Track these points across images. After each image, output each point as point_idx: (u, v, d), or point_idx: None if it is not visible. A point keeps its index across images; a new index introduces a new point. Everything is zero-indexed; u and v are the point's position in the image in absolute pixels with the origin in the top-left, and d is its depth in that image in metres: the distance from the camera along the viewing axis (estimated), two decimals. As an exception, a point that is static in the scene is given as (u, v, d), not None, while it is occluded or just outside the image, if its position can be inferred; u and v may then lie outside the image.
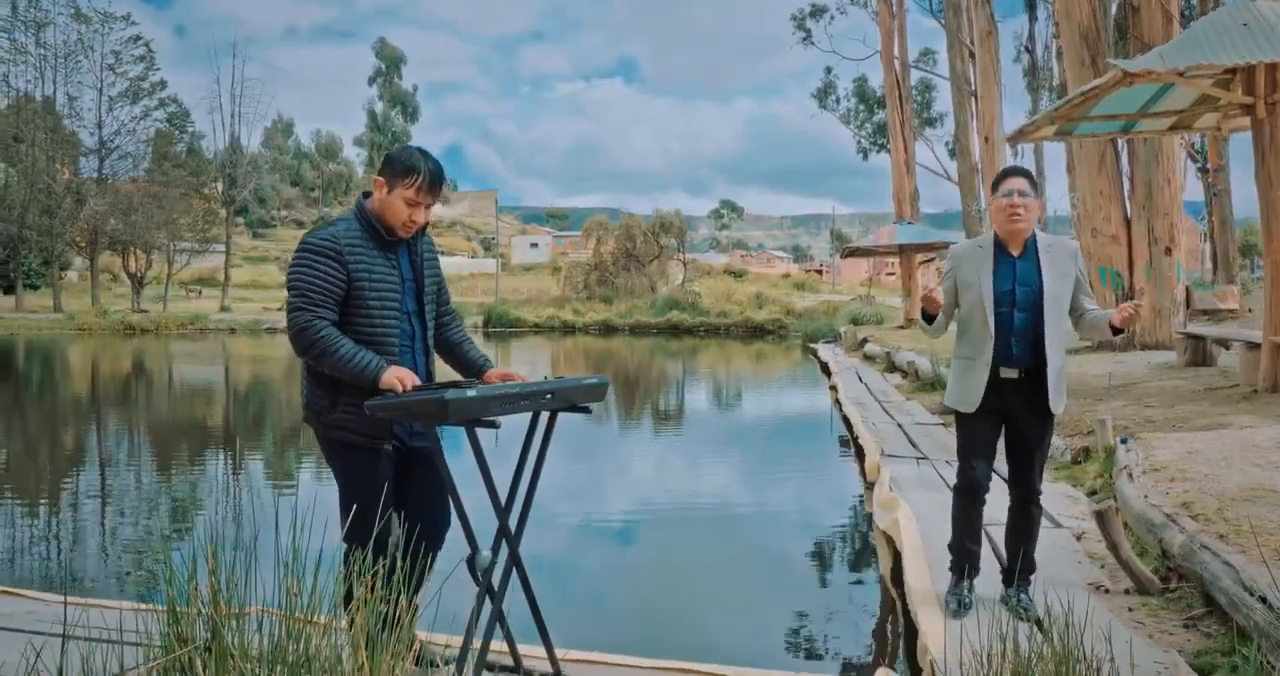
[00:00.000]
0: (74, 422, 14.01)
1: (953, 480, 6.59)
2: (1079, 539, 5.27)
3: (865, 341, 22.02)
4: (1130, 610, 4.07)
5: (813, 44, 39.01)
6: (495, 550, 3.12)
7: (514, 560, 3.17)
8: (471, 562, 3.06)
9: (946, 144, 38.09)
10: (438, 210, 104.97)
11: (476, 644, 3.05)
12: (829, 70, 44.74)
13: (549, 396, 3.16)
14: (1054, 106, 8.37)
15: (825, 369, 19.74)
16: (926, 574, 4.49)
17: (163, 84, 54.95)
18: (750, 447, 11.73)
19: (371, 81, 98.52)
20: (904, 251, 27.12)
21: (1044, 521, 5.68)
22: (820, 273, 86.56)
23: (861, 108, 43.87)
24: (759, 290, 49.75)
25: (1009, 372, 3.84)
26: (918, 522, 5.49)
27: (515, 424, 3.18)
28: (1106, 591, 4.35)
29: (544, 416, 3.31)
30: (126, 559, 6.31)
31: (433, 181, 3.14)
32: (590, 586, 6.02)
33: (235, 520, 7.31)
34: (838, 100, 43.95)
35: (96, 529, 7.21)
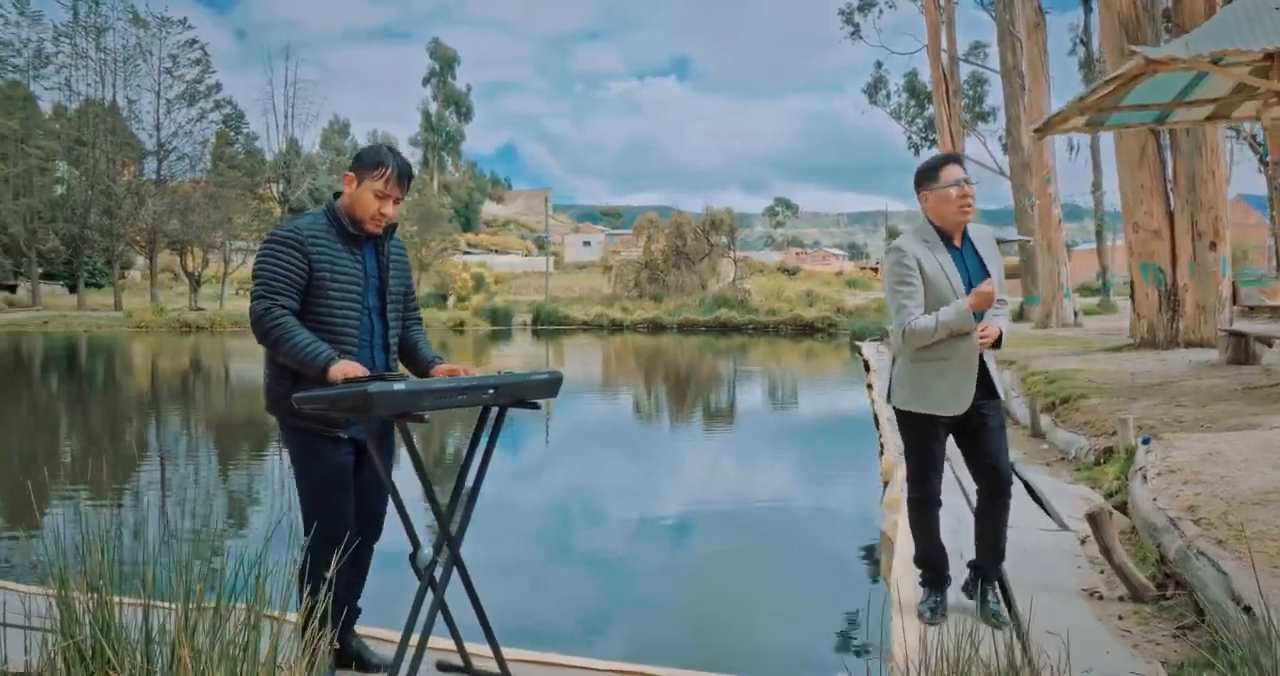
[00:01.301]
0: (128, 417, 14.26)
1: (969, 480, 6.45)
2: (1083, 542, 5.07)
3: (908, 339, 21.62)
4: (1120, 618, 3.89)
5: (861, 38, 38.56)
6: (436, 549, 3.06)
7: (454, 560, 3.09)
8: (413, 559, 3.02)
9: (999, 138, 37.38)
10: (493, 209, 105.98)
11: (416, 639, 2.99)
12: (879, 65, 44.10)
13: (491, 391, 3.07)
14: (1080, 96, 8.10)
15: (867, 367, 19.46)
16: (912, 580, 4.34)
17: (218, 86, 56.02)
18: (783, 447, 11.59)
19: (425, 82, 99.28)
20: (952, 248, 26.65)
21: (1049, 524, 5.52)
22: (875, 270, 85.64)
23: (912, 103, 43.30)
24: (810, 288, 49.37)
25: None
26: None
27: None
28: (1100, 598, 4.16)
29: (494, 412, 3.24)
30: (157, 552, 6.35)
31: (400, 175, 3.18)
32: (580, 587, 5.95)
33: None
34: (888, 95, 43.44)
35: (150, 523, 7.27)
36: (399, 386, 2.76)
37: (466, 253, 76.04)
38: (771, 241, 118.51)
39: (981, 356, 3.69)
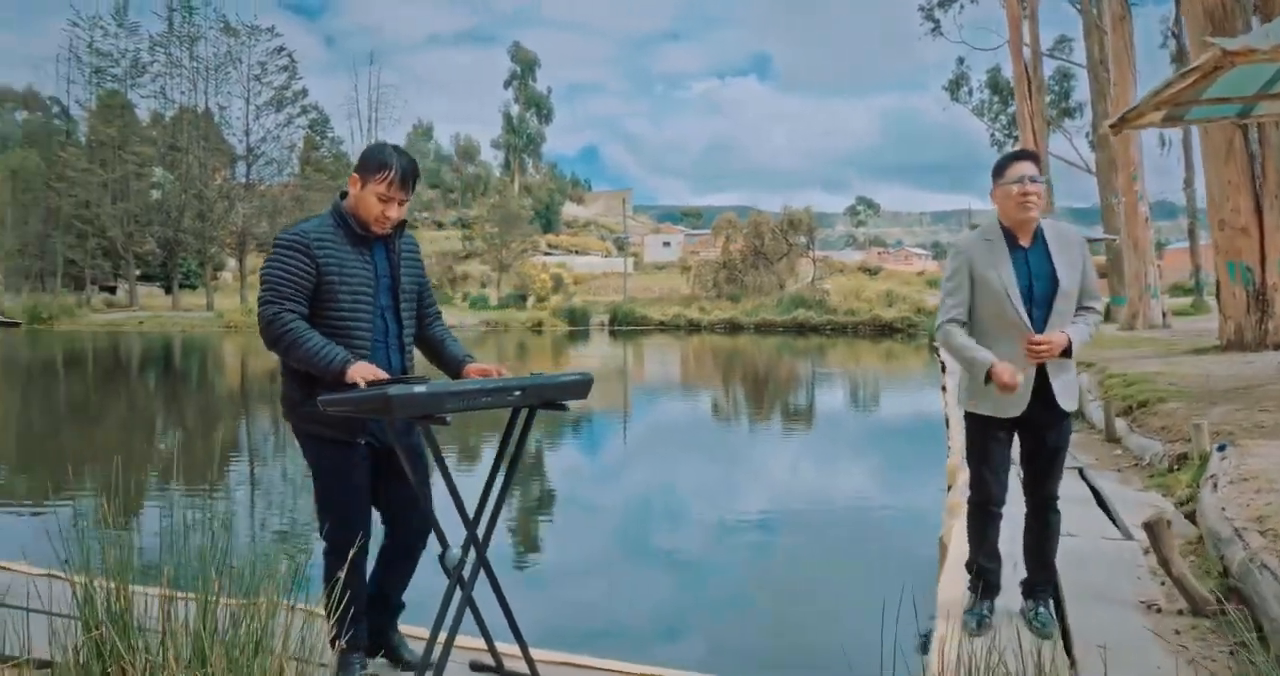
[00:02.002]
0: (219, 415, 14.67)
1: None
2: (1146, 552, 4.88)
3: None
4: (1176, 632, 3.74)
5: (941, 35, 37.85)
6: (464, 549, 3.07)
7: (481, 561, 3.10)
8: (442, 559, 3.03)
9: (1086, 135, 36.41)
10: (573, 210, 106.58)
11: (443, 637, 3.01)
12: (961, 61, 43.28)
13: (517, 393, 3.07)
14: (1155, 90, 7.83)
15: (943, 368, 19.11)
16: (961, 587, 4.23)
17: (304, 92, 57.48)
18: (857, 449, 11.45)
19: (507, 85, 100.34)
20: (1034, 247, 26.03)
21: (1113, 532, 5.34)
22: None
23: (995, 99, 42.39)
24: (890, 288, 48.69)
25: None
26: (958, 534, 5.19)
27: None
28: (1158, 610, 4.01)
29: (523, 414, 3.24)
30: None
31: (404, 177, 3.11)
32: (649, 589, 5.93)
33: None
34: (970, 92, 42.60)
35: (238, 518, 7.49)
36: (420, 389, 2.76)
37: (547, 254, 76.61)
38: (853, 241, 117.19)
39: (1044, 366, 3.54)
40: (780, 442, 12.29)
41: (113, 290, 59.15)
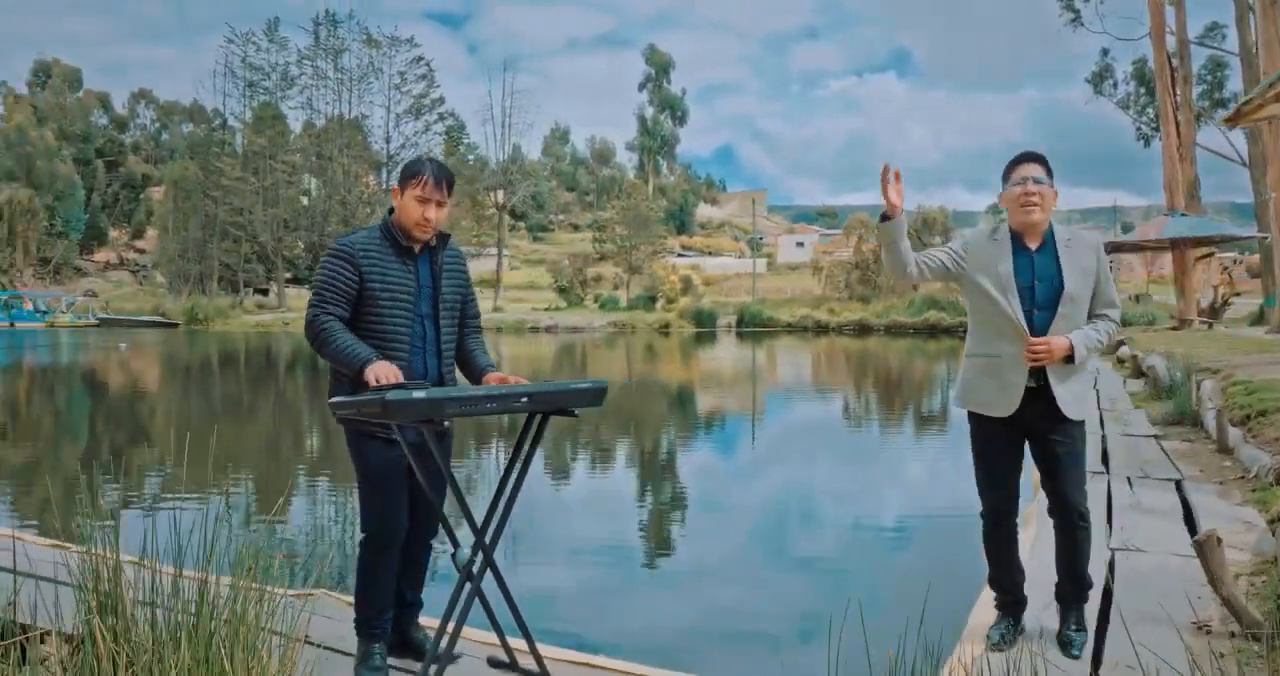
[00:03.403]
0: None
1: (1123, 498, 6.08)
2: (1217, 570, 4.66)
3: (1122, 343, 20.36)
4: (1220, 655, 3.57)
5: (1082, 25, 36.36)
6: (473, 551, 3.18)
7: (488, 562, 3.20)
8: (454, 557, 3.17)
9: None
10: (707, 211, 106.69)
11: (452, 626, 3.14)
12: (1105, 53, 41.49)
13: (524, 399, 3.16)
14: (1270, 81, 7.42)
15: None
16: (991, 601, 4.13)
17: (441, 100, 59.49)
18: (947, 455, 11.17)
19: (641, 87, 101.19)
20: (1176, 246, 24.82)
21: (1187, 548, 5.10)
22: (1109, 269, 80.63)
23: (1141, 92, 40.48)
24: (1029, 288, 47.01)
25: (1029, 380, 3.47)
26: (1033, 544, 5.05)
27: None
28: (1208, 632, 3.84)
29: (536, 420, 3.34)
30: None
31: (437, 178, 3.33)
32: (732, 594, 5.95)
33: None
34: (1115, 84, 40.79)
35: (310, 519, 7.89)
36: (419, 394, 2.87)
37: (680, 255, 76.90)
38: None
39: (1046, 371, 3.46)
40: (908, 448, 12.08)
41: (265, 292, 62.21)
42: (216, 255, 58.17)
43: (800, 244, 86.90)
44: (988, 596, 4.18)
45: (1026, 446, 3.64)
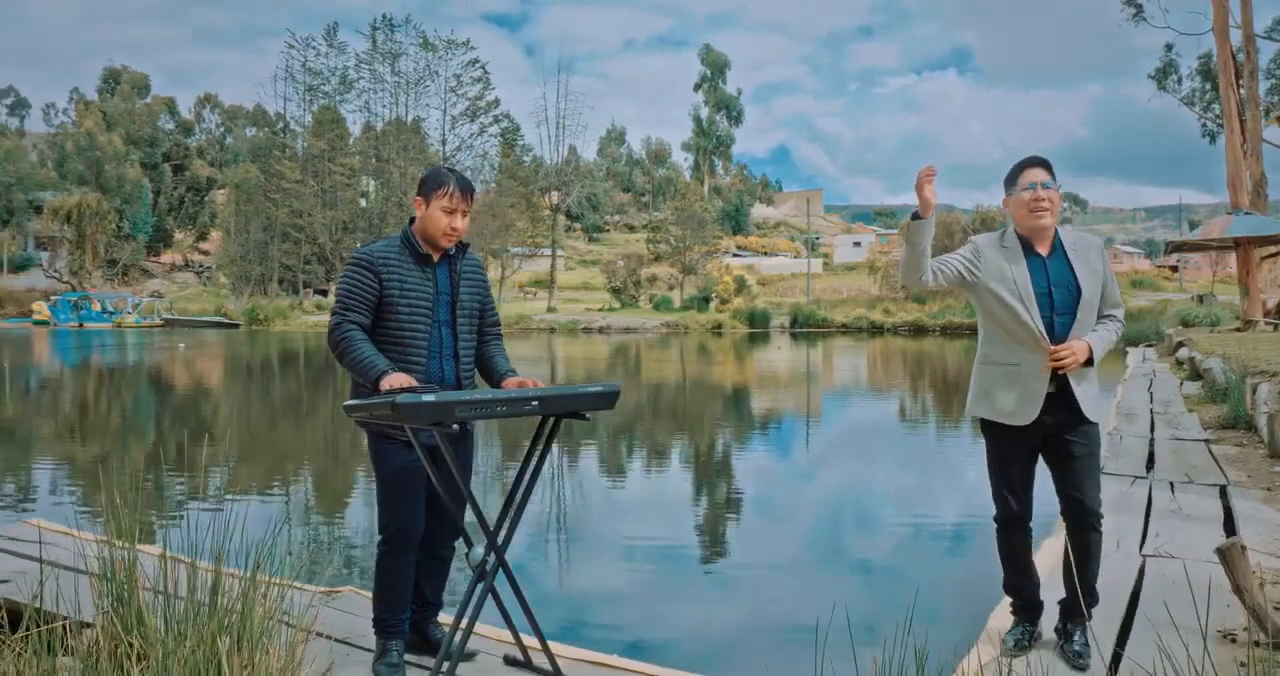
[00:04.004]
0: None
1: (1163, 504, 5.99)
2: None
3: (1181, 345, 19.93)
4: (1242, 665, 3.51)
5: (1144, 20, 35.60)
6: (486, 550, 3.23)
7: (500, 562, 3.25)
8: (468, 556, 3.24)
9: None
10: (763, 211, 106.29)
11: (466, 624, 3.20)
12: (1169, 48, 40.51)
13: (534, 403, 3.20)
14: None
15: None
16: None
17: (497, 102, 59.92)
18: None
19: (697, 88, 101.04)
20: (1240, 245, 24.24)
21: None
22: (1174, 269, 79.01)
23: (1207, 87, 39.54)
24: (1089, 289, 46.18)
25: (1049, 386, 3.44)
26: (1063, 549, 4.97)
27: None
28: (1233, 641, 3.77)
29: (549, 423, 3.39)
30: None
31: (462, 188, 3.43)
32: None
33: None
34: (1179, 80, 39.88)
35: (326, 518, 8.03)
36: (428, 398, 2.93)
37: (735, 255, 76.69)
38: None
39: (1065, 376, 3.43)
40: (965, 450, 11.96)
41: (325, 293, 63.23)
42: (277, 257, 59.27)
43: (857, 244, 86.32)
44: (1006, 602, 4.15)
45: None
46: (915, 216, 3.40)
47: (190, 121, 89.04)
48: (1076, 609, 3.57)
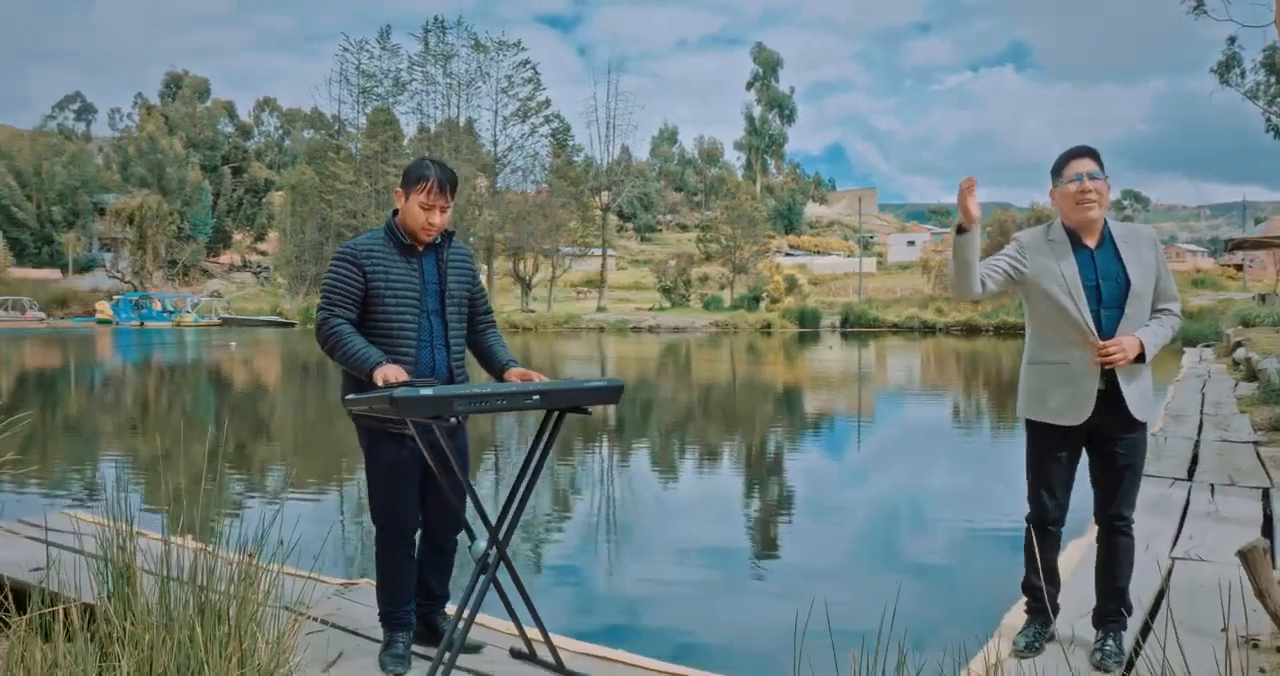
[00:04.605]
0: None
1: (1200, 506, 5.87)
2: (1281, 582, 4.45)
3: (1239, 345, 19.46)
4: (1262, 671, 3.43)
5: (1205, 13, 34.68)
6: (488, 544, 3.25)
7: (501, 555, 3.27)
8: (471, 549, 3.26)
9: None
10: (816, 210, 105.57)
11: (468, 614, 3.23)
12: (1232, 41, 39.48)
13: (535, 397, 3.22)
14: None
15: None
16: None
17: (548, 102, 60.15)
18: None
19: (749, 86, 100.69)
20: (1303, 242, 23.62)
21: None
22: (1239, 268, 77.20)
23: (1272, 80, 38.51)
24: (1149, 287, 45.26)
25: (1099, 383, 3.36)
26: (1087, 551, 4.89)
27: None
28: (1255, 646, 3.68)
29: (553, 417, 3.40)
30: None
31: (441, 184, 3.39)
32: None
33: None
34: (1242, 74, 38.84)
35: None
36: (426, 392, 2.94)
37: (788, 254, 76.30)
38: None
39: (1115, 373, 3.34)
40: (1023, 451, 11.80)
41: (378, 292, 63.92)
42: (331, 257, 60.08)
43: (911, 243, 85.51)
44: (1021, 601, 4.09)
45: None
46: (960, 230, 3.32)
47: (249, 124, 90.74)
48: (1109, 613, 3.50)
